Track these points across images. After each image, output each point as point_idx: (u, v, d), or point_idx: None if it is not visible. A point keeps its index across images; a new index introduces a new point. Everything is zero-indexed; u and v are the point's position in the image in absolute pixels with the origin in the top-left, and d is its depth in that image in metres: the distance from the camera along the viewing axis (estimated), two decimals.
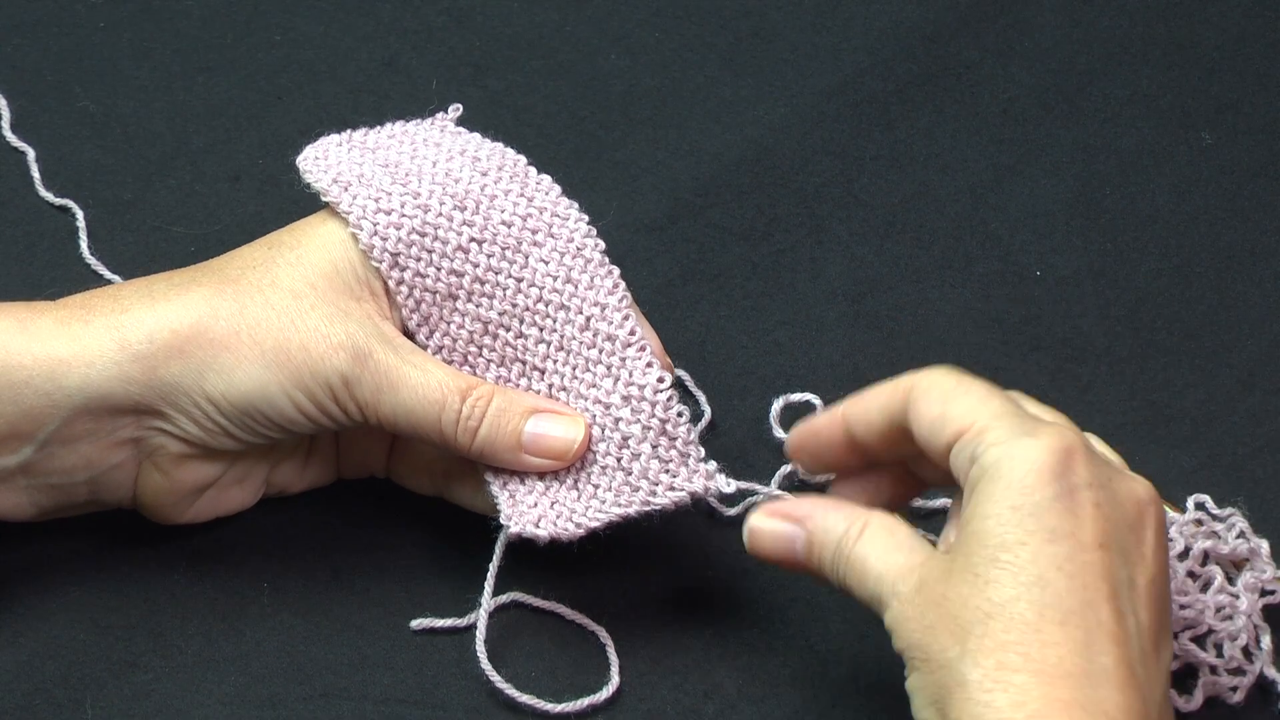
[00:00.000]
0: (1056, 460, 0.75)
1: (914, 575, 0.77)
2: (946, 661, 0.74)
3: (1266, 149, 1.08)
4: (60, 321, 0.84)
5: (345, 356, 0.83)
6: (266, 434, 0.85)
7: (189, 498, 0.87)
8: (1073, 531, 0.74)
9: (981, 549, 0.74)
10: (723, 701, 0.87)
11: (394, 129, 0.90)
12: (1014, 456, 0.75)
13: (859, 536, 0.79)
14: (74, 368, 0.83)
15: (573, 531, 0.84)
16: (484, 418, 0.85)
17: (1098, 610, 0.73)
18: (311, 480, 0.91)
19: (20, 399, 0.83)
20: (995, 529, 0.74)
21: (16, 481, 0.85)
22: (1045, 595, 0.73)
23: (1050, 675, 0.72)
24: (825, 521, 0.80)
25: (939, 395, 0.79)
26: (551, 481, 0.85)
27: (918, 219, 1.05)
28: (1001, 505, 0.75)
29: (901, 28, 1.14)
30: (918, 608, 0.76)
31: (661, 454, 0.84)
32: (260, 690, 0.87)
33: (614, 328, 0.85)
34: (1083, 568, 0.74)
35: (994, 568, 0.74)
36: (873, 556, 0.78)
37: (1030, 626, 0.73)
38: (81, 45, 1.12)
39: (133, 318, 0.83)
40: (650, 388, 0.84)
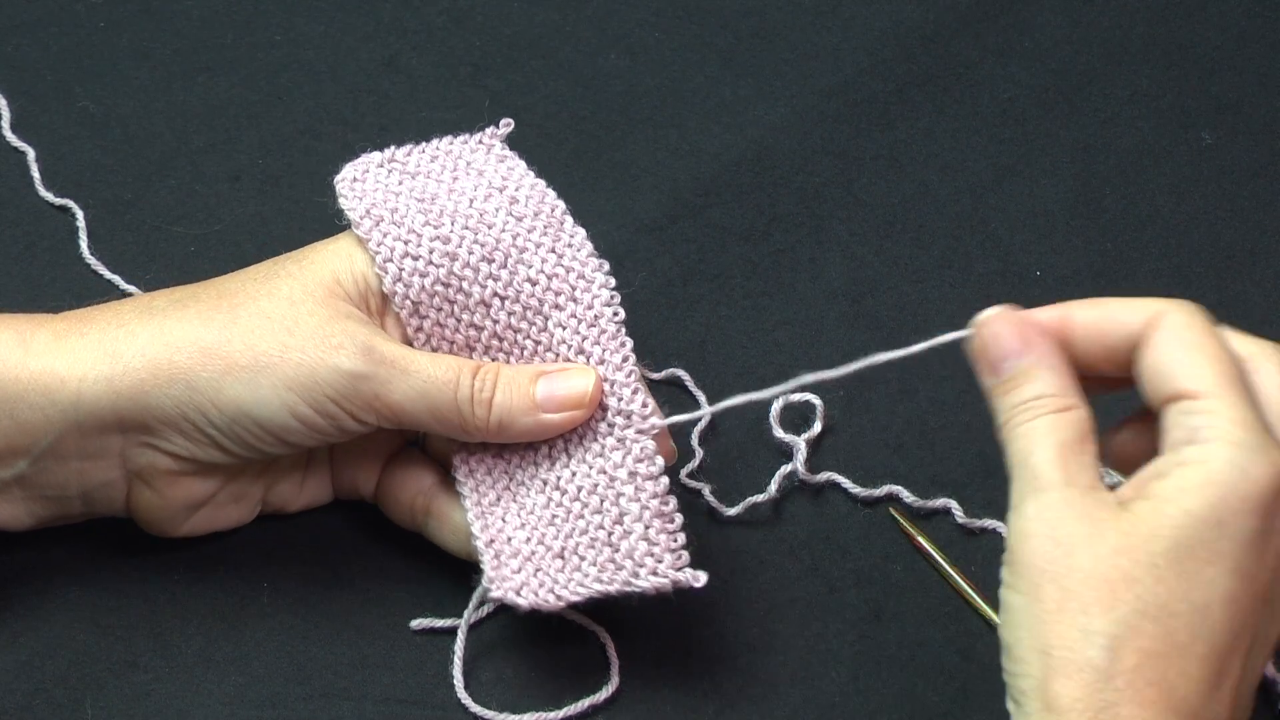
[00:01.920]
0: (1272, 495, 0.72)
1: (1080, 494, 0.72)
2: (1084, 626, 0.71)
3: (1266, 149, 1.08)
4: (57, 335, 0.84)
5: (350, 352, 0.83)
6: (259, 446, 0.84)
7: (182, 513, 0.87)
8: (1254, 575, 0.72)
9: (1169, 539, 0.71)
10: (723, 701, 0.87)
11: (439, 147, 0.90)
12: (1238, 468, 0.71)
13: (1057, 410, 0.75)
14: (67, 383, 0.82)
15: (553, 604, 0.84)
16: (496, 387, 0.84)
17: (1234, 659, 0.72)
18: (308, 500, 0.91)
19: (16, 413, 0.82)
20: (1190, 529, 0.71)
21: (13, 493, 0.85)
22: (1204, 625, 0.71)
23: (1174, 706, 0.70)
24: (1044, 372, 0.76)
25: (1183, 340, 0.75)
26: (538, 545, 0.85)
27: (918, 219, 1.05)
28: (1206, 510, 0.71)
29: (901, 28, 1.14)
30: (1073, 534, 0.72)
31: (651, 536, 0.83)
32: (260, 690, 0.87)
33: (625, 404, 0.85)
34: (1244, 614, 0.72)
35: (1172, 570, 0.71)
36: (1053, 438, 0.74)
37: (1179, 649, 0.71)
38: (81, 45, 1.12)
39: (127, 332, 0.83)
40: (658, 470, 0.84)
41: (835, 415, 0.96)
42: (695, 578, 0.83)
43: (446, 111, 1.10)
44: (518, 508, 0.85)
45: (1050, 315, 0.78)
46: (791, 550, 0.92)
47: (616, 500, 0.84)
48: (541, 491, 0.85)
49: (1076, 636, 0.71)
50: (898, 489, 0.93)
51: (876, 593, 0.90)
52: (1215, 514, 0.71)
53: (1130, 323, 0.76)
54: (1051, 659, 0.71)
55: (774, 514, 0.93)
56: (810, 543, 0.92)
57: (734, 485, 0.93)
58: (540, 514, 0.85)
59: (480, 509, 0.86)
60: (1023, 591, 0.72)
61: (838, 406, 0.96)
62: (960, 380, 0.85)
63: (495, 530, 0.85)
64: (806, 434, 0.95)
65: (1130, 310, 0.77)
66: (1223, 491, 0.71)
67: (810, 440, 0.95)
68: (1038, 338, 0.77)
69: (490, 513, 0.86)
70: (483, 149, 0.90)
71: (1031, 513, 0.73)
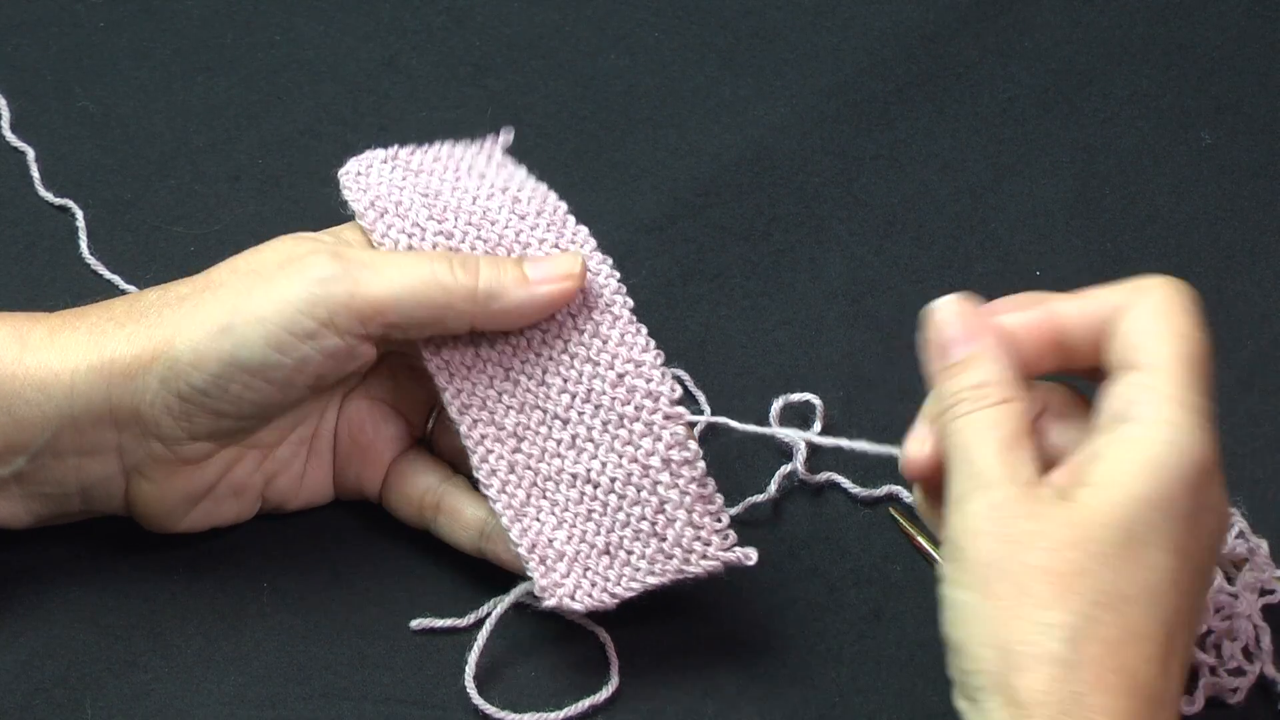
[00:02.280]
0: (1205, 475, 0.72)
1: (1023, 490, 0.72)
2: (1040, 620, 0.71)
3: (1266, 149, 1.08)
4: (53, 331, 0.84)
5: (318, 260, 0.82)
6: (250, 397, 0.83)
7: (182, 507, 0.87)
8: (1192, 553, 0.72)
9: (1115, 526, 0.71)
10: (723, 701, 0.87)
11: (441, 150, 0.90)
12: (1178, 449, 0.72)
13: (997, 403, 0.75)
14: (61, 376, 0.83)
15: (608, 603, 0.84)
16: (479, 263, 0.83)
17: (1180, 637, 0.72)
18: (308, 497, 0.90)
19: (13, 410, 0.83)
20: (1133, 512, 0.71)
21: (11, 491, 0.85)
22: (1156, 608, 0.71)
23: (1136, 690, 0.70)
24: (987, 363, 0.76)
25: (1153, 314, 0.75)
26: (581, 544, 0.84)
27: (918, 219, 1.05)
28: (1147, 491, 0.71)
29: (901, 28, 1.14)
30: (1019, 531, 0.72)
31: (696, 520, 0.83)
32: (260, 690, 0.87)
33: (655, 385, 0.84)
34: (1187, 592, 0.72)
35: (1121, 556, 0.71)
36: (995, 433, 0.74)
37: (1136, 635, 0.71)
38: (81, 45, 1.12)
39: (116, 324, 0.84)
40: (693, 455, 0.83)
41: (835, 415, 0.96)
42: (746, 555, 0.83)
43: (446, 111, 1.10)
44: (550, 505, 0.85)
45: (1034, 316, 0.78)
46: (791, 550, 0.92)
47: (654, 489, 0.83)
48: (573, 486, 0.85)
49: (1036, 631, 0.71)
50: (898, 489, 0.93)
51: (876, 593, 0.90)
52: (1158, 496, 0.72)
53: (1114, 301, 0.76)
54: (1011, 655, 0.71)
55: (774, 514, 0.93)
56: (810, 543, 0.92)
57: (734, 485, 0.93)
58: (575, 510, 0.84)
59: (513, 511, 0.85)
60: (973, 589, 0.72)
61: (837, 406, 0.96)
62: None
63: (535, 534, 0.85)
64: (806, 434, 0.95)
65: (1114, 290, 0.77)
66: (1163, 473, 0.72)
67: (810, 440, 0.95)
68: (986, 328, 0.77)
69: (524, 515, 0.85)
70: (483, 157, 0.90)
71: (978, 510, 0.73)
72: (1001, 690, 0.71)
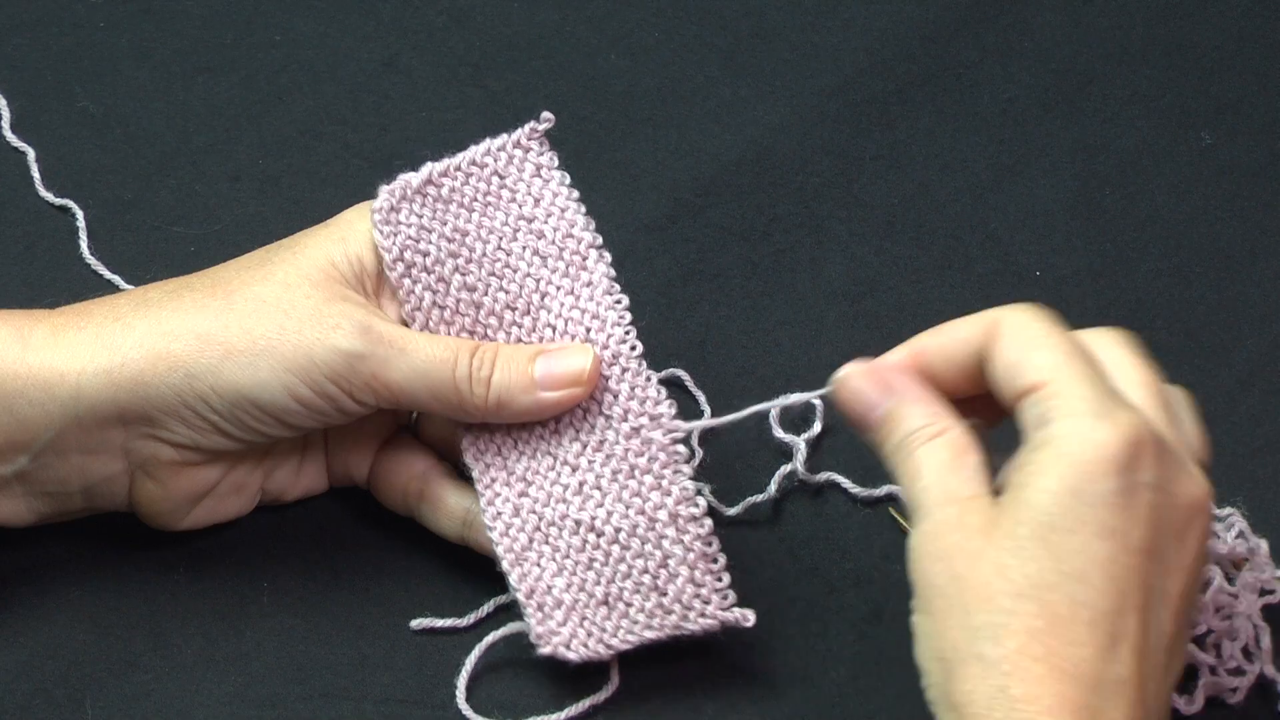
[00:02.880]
0: (1126, 453, 0.73)
1: (954, 509, 0.75)
2: (966, 624, 0.72)
3: (1266, 149, 1.08)
4: (55, 330, 0.84)
5: (347, 332, 0.83)
6: (260, 429, 0.84)
7: (185, 505, 0.87)
8: (1124, 532, 0.72)
9: (1031, 521, 0.72)
10: (723, 701, 0.87)
11: (476, 159, 0.89)
12: (1084, 437, 0.73)
13: (929, 439, 0.77)
14: (66, 377, 0.83)
15: (603, 655, 0.84)
16: (495, 365, 0.84)
17: (1127, 619, 0.72)
18: (306, 488, 0.91)
19: (15, 409, 0.83)
20: (1048, 505, 0.72)
21: (13, 490, 0.85)
22: (1082, 592, 0.72)
23: (1068, 675, 0.71)
24: (910, 408, 0.78)
25: (1023, 338, 0.76)
26: (581, 592, 0.84)
27: (918, 219, 1.05)
28: (1061, 484, 0.73)
29: (901, 28, 1.14)
30: (950, 545, 0.74)
31: (698, 577, 0.84)
32: (260, 690, 0.87)
33: (665, 439, 0.84)
34: (1124, 571, 0.72)
35: (1040, 546, 0.72)
36: (930, 466, 0.76)
37: (1061, 620, 0.72)
38: (81, 45, 1.12)
39: (124, 325, 0.83)
40: (700, 512, 0.84)
41: (835, 415, 0.96)
42: (744, 617, 0.84)
43: (446, 111, 1.10)
44: (551, 550, 0.85)
45: (901, 355, 0.80)
46: (791, 550, 0.92)
47: (659, 543, 0.84)
48: (576, 533, 0.85)
49: (964, 635, 0.72)
50: (898, 489, 0.93)
51: (876, 593, 0.90)
52: (1070, 484, 0.73)
53: (971, 337, 0.78)
54: (947, 664, 0.73)
55: (774, 514, 0.93)
56: (810, 543, 0.92)
57: (734, 485, 0.93)
58: (577, 558, 0.85)
59: (514, 555, 0.85)
60: (921, 610, 0.75)
61: None
62: None
63: (534, 579, 0.85)
64: (806, 434, 0.95)
65: (969, 325, 0.79)
66: (1073, 462, 0.73)
67: (810, 440, 0.95)
68: (894, 379, 0.79)
69: (524, 559, 0.85)
70: (519, 154, 0.89)
71: (916, 540, 0.75)
72: (945, 700, 0.73)
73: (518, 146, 0.89)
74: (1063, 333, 0.77)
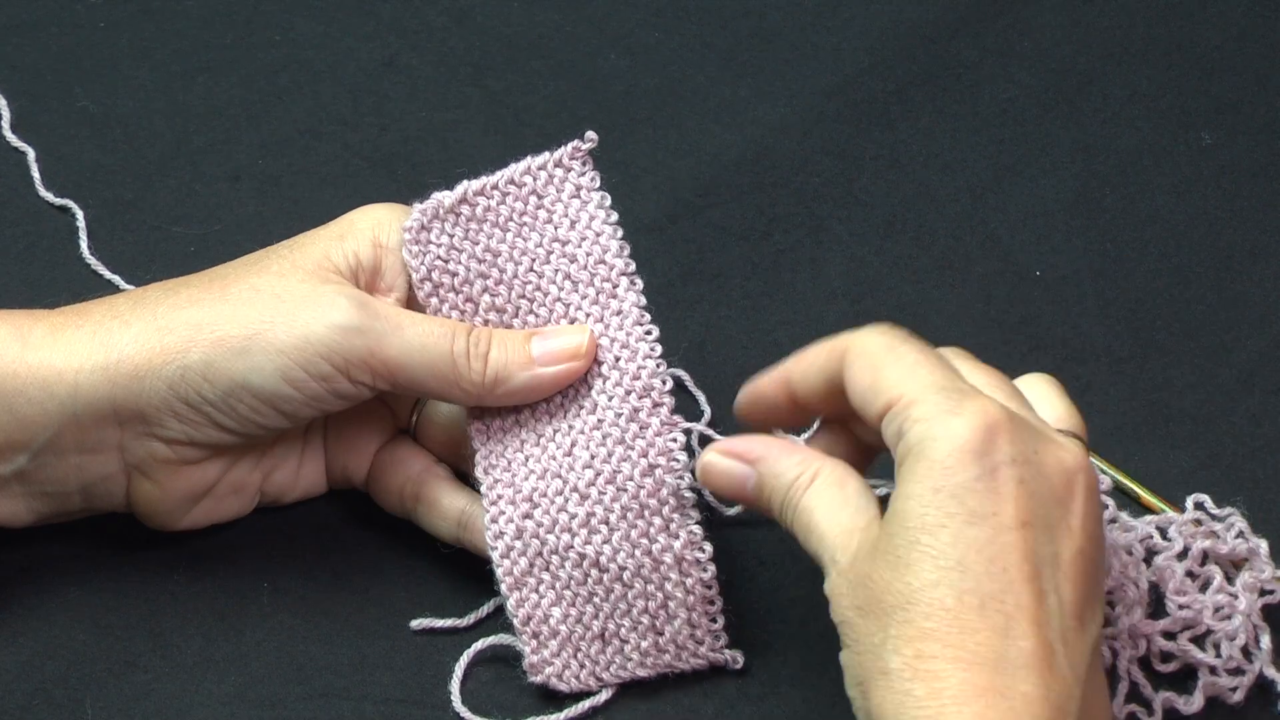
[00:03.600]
0: (979, 438, 0.74)
1: (853, 543, 0.77)
2: (871, 646, 0.74)
3: (1266, 149, 1.08)
4: (54, 329, 0.84)
5: (343, 307, 0.83)
6: (255, 419, 0.84)
7: (183, 505, 0.87)
8: (994, 512, 0.73)
9: (903, 531, 0.74)
10: (722, 701, 0.87)
11: (514, 178, 0.88)
12: (936, 436, 0.74)
13: (808, 486, 0.79)
14: (64, 375, 0.83)
15: (593, 687, 0.85)
16: (491, 344, 0.85)
17: (1018, 593, 0.73)
18: (305, 490, 0.91)
19: (14, 408, 0.83)
20: (917, 510, 0.74)
21: (12, 489, 0.85)
22: (965, 580, 0.73)
23: (968, 662, 0.72)
24: (776, 466, 0.80)
25: (870, 362, 0.78)
26: (577, 625, 0.85)
27: (918, 219, 1.05)
28: (923, 486, 0.74)
29: (901, 28, 1.14)
30: (850, 584, 0.76)
31: (695, 619, 0.84)
32: (260, 690, 0.87)
33: (680, 482, 0.84)
34: (1003, 549, 0.73)
35: (914, 550, 0.74)
36: (819, 511, 0.78)
37: (950, 613, 0.73)
38: (81, 45, 1.12)
39: (121, 322, 0.84)
40: (705, 557, 0.84)
41: None
42: (735, 659, 0.85)
43: (446, 111, 1.10)
44: (551, 579, 0.85)
45: (772, 380, 0.83)
46: (791, 550, 0.91)
47: (661, 585, 0.84)
48: (579, 566, 0.84)
49: (870, 657, 0.74)
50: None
51: None
52: (932, 484, 0.74)
53: (824, 364, 0.80)
54: (863, 686, 0.75)
55: None
56: None
57: None
58: (577, 590, 0.85)
59: (513, 579, 0.85)
60: (844, 648, 0.76)
61: None
62: None
63: (531, 606, 0.85)
64: (806, 434, 0.95)
65: (822, 351, 0.81)
66: (931, 461, 0.74)
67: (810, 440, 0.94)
68: (747, 447, 0.82)
69: (524, 584, 0.85)
70: (560, 173, 0.88)
71: (833, 578, 0.77)
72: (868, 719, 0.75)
73: (559, 165, 0.88)
74: (909, 344, 0.78)
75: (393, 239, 0.87)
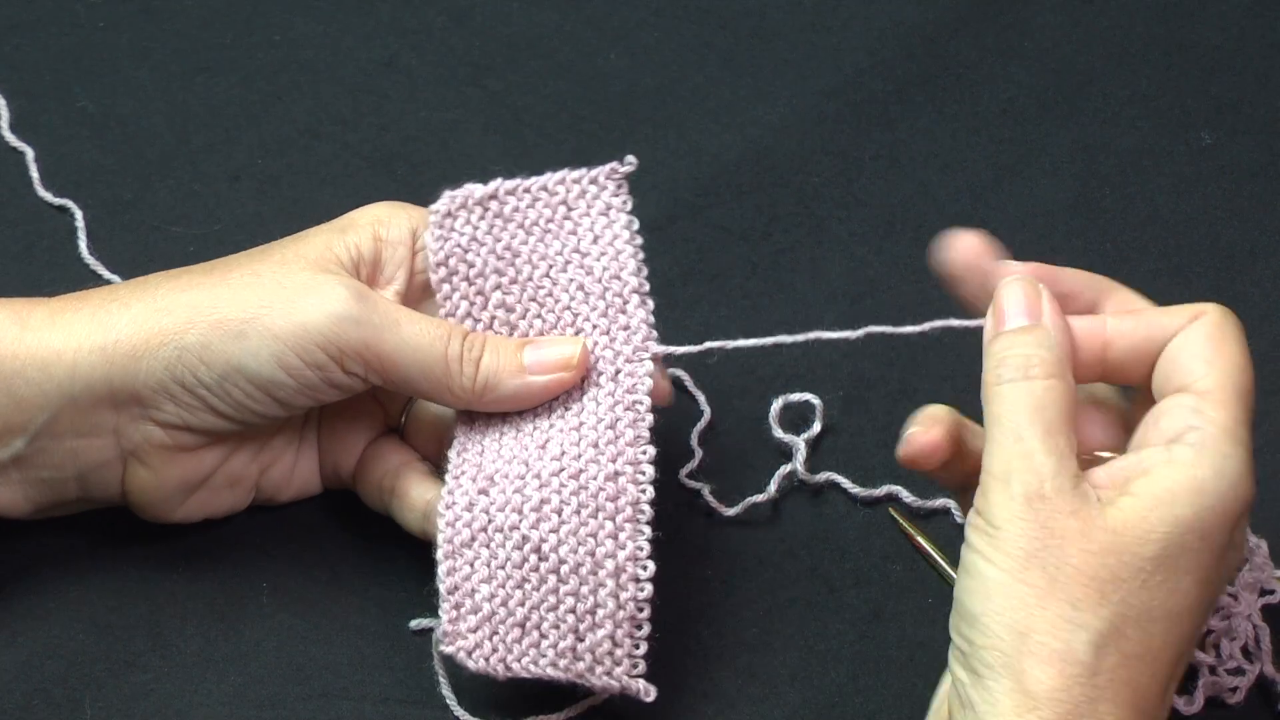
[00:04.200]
0: (1243, 510, 0.73)
1: (1070, 485, 0.73)
2: (1068, 617, 0.71)
3: (1266, 149, 1.08)
4: (54, 312, 0.84)
5: (342, 296, 0.83)
6: (250, 405, 0.84)
7: (178, 495, 0.87)
8: (1213, 584, 0.73)
9: (1156, 544, 0.72)
10: (722, 701, 0.87)
11: (548, 186, 0.88)
12: (1227, 481, 0.72)
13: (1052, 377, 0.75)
14: (63, 355, 0.83)
15: (501, 674, 0.84)
16: (484, 349, 0.85)
17: (1185, 663, 0.74)
18: (299, 488, 0.91)
19: (12, 389, 0.83)
20: (1177, 538, 0.72)
21: (10, 475, 0.85)
22: (1175, 631, 0.72)
23: (1140, 708, 0.71)
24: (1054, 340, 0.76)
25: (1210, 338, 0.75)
26: (500, 607, 0.83)
27: (918, 219, 1.05)
28: (1193, 518, 0.72)
29: (901, 28, 1.14)
30: (1060, 521, 0.72)
31: (618, 637, 0.83)
32: (260, 690, 0.87)
33: (642, 495, 0.83)
34: (1201, 620, 0.74)
35: (1162, 578, 0.72)
36: (1049, 410, 0.74)
37: (1154, 655, 0.72)
38: (81, 45, 1.12)
39: (120, 304, 0.84)
40: (645, 575, 0.83)
41: (835, 415, 0.96)
42: (646, 691, 0.83)
43: (446, 111, 1.10)
44: (489, 555, 0.84)
45: (1087, 325, 0.78)
46: (791, 550, 0.92)
47: (595, 590, 0.83)
48: (519, 548, 0.83)
49: (1063, 628, 0.71)
50: (897, 489, 0.93)
51: (876, 593, 0.90)
52: (1199, 522, 0.72)
53: (1171, 325, 0.77)
54: (1030, 642, 0.72)
55: (774, 514, 0.93)
56: (810, 543, 0.92)
57: (734, 485, 0.93)
58: (511, 572, 0.83)
59: (451, 547, 0.84)
60: (1005, 569, 0.73)
61: (837, 406, 0.96)
62: (960, 380, 0.85)
63: (461, 576, 0.84)
64: (806, 434, 0.95)
65: (1171, 313, 0.77)
66: (1209, 502, 0.72)
67: (810, 440, 0.95)
68: (1053, 310, 0.78)
69: (460, 554, 0.84)
70: (594, 189, 0.88)
71: (1022, 494, 0.73)
72: (1012, 674, 0.71)
73: (594, 182, 0.88)
74: (1244, 354, 0.76)
75: (393, 233, 0.87)
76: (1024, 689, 0.71)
